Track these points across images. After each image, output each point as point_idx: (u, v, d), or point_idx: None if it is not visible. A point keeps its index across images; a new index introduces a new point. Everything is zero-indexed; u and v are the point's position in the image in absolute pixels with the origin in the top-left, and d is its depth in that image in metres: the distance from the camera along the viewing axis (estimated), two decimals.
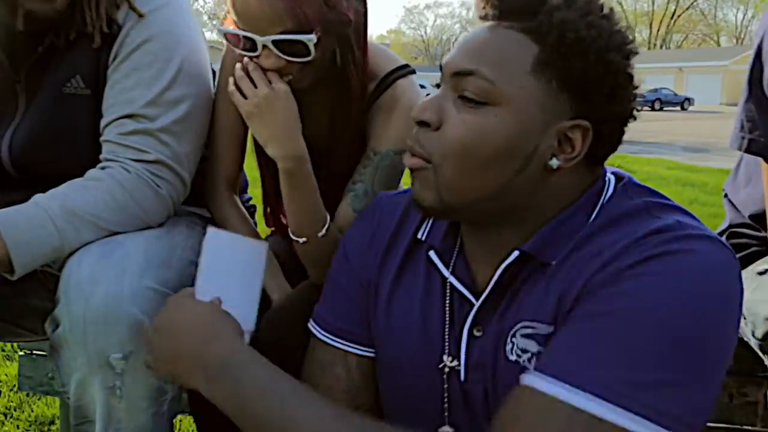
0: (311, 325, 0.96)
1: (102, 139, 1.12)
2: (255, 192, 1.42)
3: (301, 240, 1.11)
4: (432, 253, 0.86)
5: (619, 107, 0.76)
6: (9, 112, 1.16)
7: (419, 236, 0.89)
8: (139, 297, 0.97)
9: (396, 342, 0.88)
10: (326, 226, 1.12)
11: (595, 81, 0.73)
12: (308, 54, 1.02)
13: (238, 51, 1.07)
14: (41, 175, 1.11)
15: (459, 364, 0.82)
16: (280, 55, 1.02)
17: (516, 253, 0.77)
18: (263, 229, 1.45)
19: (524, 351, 0.75)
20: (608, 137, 0.77)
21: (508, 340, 0.77)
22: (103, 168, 1.10)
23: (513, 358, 0.76)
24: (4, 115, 1.17)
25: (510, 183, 0.75)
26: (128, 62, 1.11)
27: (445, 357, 0.83)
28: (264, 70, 1.05)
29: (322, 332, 0.93)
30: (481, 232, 0.82)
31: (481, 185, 0.75)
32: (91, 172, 1.09)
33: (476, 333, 0.81)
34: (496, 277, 0.79)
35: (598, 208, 0.78)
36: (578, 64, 0.72)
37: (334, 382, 0.91)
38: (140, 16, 1.11)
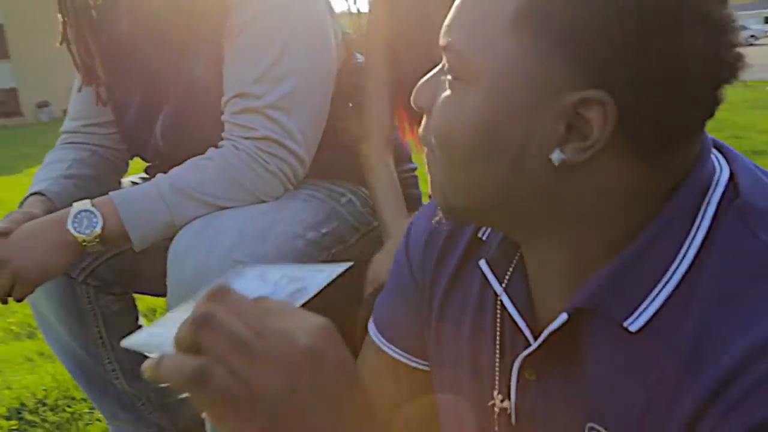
0: (371, 319, 0.84)
1: (222, 118, 1.17)
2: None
3: None
4: (483, 263, 0.67)
5: (659, 60, 0.49)
6: (162, 98, 1.26)
7: (480, 234, 0.71)
8: (226, 270, 1.05)
9: (444, 362, 0.74)
10: None
11: (604, 27, 0.49)
12: None
13: None
14: (184, 155, 1.16)
15: (510, 406, 0.66)
16: None
17: (563, 317, 0.58)
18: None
19: None
20: (663, 110, 0.51)
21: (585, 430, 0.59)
22: (217, 147, 1.15)
23: None
24: (159, 101, 1.26)
25: (507, 186, 0.56)
26: (236, 43, 1.14)
27: (495, 393, 0.68)
28: None
29: (377, 333, 0.82)
30: (529, 246, 0.64)
31: (476, 185, 0.58)
32: (207, 152, 1.14)
33: (528, 376, 0.64)
34: (544, 336, 0.60)
35: (692, 238, 0.54)
36: (574, 4, 0.50)
37: (382, 393, 0.79)
38: None
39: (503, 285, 0.66)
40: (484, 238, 0.70)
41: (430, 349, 0.76)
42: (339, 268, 0.61)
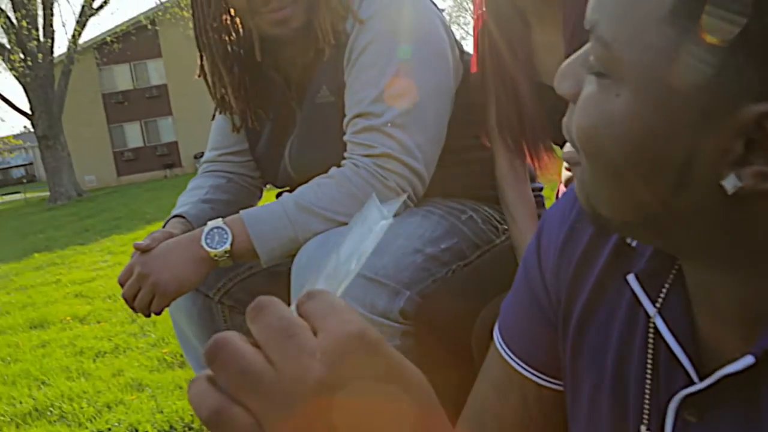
0: (496, 326, 0.75)
1: (344, 139, 1.22)
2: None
3: None
4: (631, 278, 0.56)
5: None
6: (291, 125, 1.34)
7: (629, 240, 0.60)
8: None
9: (582, 384, 0.65)
10: None
11: None
12: None
13: None
14: (311, 176, 1.21)
15: None
16: None
17: (749, 359, 0.47)
18: None
19: None
20: None
21: None
22: (339, 166, 1.19)
23: None
24: (287, 128, 1.35)
25: (667, 207, 0.46)
26: (356, 66, 1.20)
27: (643, 429, 0.58)
28: None
29: (503, 344, 0.73)
30: (691, 267, 0.54)
31: (628, 201, 0.48)
32: (329, 171, 1.19)
33: (688, 417, 0.54)
34: (717, 377, 0.50)
35: None
36: None
37: (507, 411, 0.72)
38: (360, 23, 1.19)
39: (657, 306, 0.55)
40: (633, 244, 0.60)
41: (564, 366, 0.68)
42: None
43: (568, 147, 0.60)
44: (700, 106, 0.41)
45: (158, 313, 1.16)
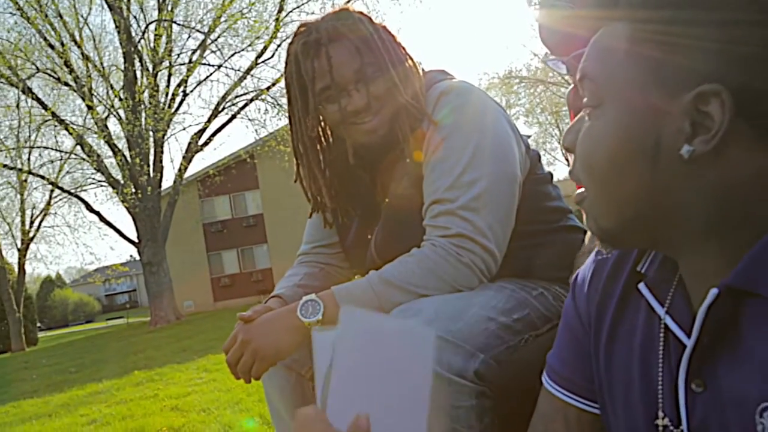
0: (545, 372, 0.88)
1: (423, 224, 1.34)
2: None
3: None
4: (642, 286, 0.71)
5: (762, 40, 0.55)
6: (376, 217, 1.49)
7: (639, 268, 0.73)
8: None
9: (615, 397, 0.75)
10: None
11: (701, 24, 0.56)
12: None
13: None
14: (393, 259, 1.33)
15: (674, 426, 0.66)
16: None
17: (714, 292, 0.59)
18: None
19: None
20: None
21: (757, 419, 0.57)
22: (419, 247, 1.31)
23: None
24: (374, 220, 1.50)
25: (650, 191, 0.62)
26: (432, 159, 1.34)
27: (659, 413, 0.68)
28: None
29: (548, 380, 0.86)
30: (683, 262, 0.67)
31: (620, 202, 0.64)
32: (411, 251, 1.31)
33: (695, 388, 0.64)
34: (699, 321, 0.61)
35: None
36: (668, 9, 0.58)
37: None
38: (435, 123, 1.35)
39: (665, 307, 0.68)
40: (643, 270, 0.73)
41: (599, 381, 0.78)
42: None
43: (576, 192, 0.72)
44: (652, 104, 0.59)
45: (257, 378, 1.27)
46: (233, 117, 20.73)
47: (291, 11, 19.93)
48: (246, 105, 20.67)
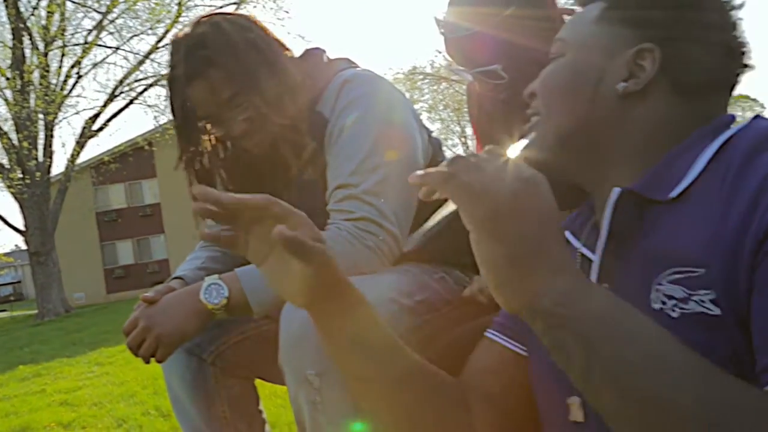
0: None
1: (327, 209, 1.36)
2: None
3: None
4: (567, 233, 0.86)
5: (690, 18, 0.78)
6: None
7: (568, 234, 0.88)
8: None
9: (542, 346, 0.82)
10: None
11: (651, 7, 0.79)
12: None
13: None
14: None
15: None
16: None
17: (617, 190, 0.75)
18: None
19: (669, 297, 0.66)
20: (690, 60, 0.77)
21: (652, 288, 0.68)
22: (323, 230, 1.31)
23: (657, 306, 0.67)
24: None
25: (589, 111, 0.80)
26: (336, 146, 1.36)
27: None
28: None
29: (490, 331, 0.95)
30: (596, 191, 0.84)
31: (565, 117, 0.82)
32: None
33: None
34: (606, 224, 0.76)
35: (720, 138, 0.72)
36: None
37: (494, 380, 0.91)
38: (340, 110, 1.37)
39: (582, 241, 0.83)
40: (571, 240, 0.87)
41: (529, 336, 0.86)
42: None
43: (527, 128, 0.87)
44: (604, 52, 0.81)
45: (160, 362, 1.25)
46: (131, 102, 19.97)
47: None
48: (145, 90, 19.99)
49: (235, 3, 19.86)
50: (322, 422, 1.17)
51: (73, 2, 18.90)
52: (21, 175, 17.79)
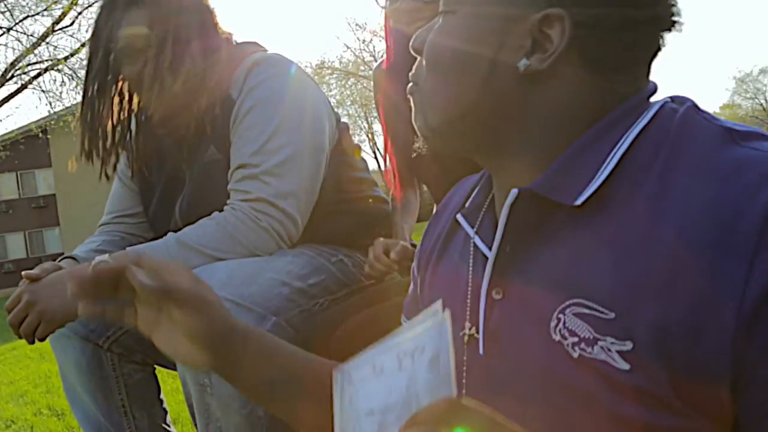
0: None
1: (228, 188, 1.36)
2: None
3: None
4: (459, 215, 0.75)
5: None
6: (180, 185, 1.47)
7: (466, 203, 0.78)
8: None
9: None
10: None
11: None
12: None
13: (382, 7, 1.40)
14: None
15: (477, 332, 0.67)
16: None
17: (515, 191, 0.63)
18: None
19: (572, 333, 0.57)
20: (608, 30, 0.61)
21: (555, 314, 0.59)
22: (220, 211, 1.32)
23: (556, 338, 0.59)
24: (178, 187, 1.48)
25: (482, 93, 0.65)
26: (240, 126, 1.36)
27: (466, 324, 0.69)
28: None
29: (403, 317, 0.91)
30: (495, 177, 0.72)
31: (454, 96, 0.67)
32: (212, 215, 1.31)
33: (495, 295, 0.66)
34: (501, 225, 0.65)
35: (631, 130, 0.61)
36: None
37: None
38: (246, 91, 1.37)
39: (475, 229, 0.72)
40: (466, 205, 0.78)
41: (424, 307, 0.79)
42: (432, 317, 0.52)
43: (410, 89, 0.75)
44: (504, 15, 0.64)
45: (42, 340, 1.20)
46: (24, 87, 18.89)
47: None
48: (39, 75, 18.93)
49: None
50: (212, 404, 1.17)
51: None
52: None
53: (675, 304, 0.52)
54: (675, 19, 0.63)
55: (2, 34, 18.67)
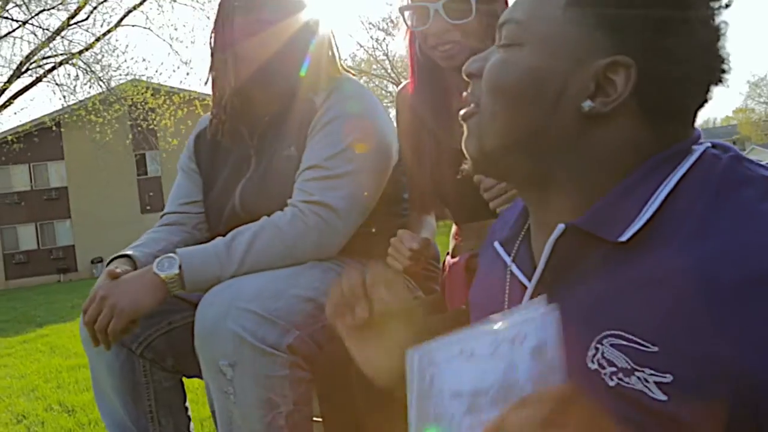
0: None
1: (294, 186, 1.40)
2: None
3: None
4: (496, 243, 0.79)
5: (675, 40, 0.64)
6: (244, 169, 1.52)
7: (504, 232, 0.83)
8: (242, 318, 1.20)
9: None
10: None
11: (634, 7, 0.64)
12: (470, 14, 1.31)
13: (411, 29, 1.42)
14: (258, 216, 1.38)
15: None
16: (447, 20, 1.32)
17: (561, 226, 0.66)
18: None
19: (610, 363, 0.60)
20: (669, 82, 0.65)
21: (592, 344, 0.62)
22: (279, 204, 1.38)
23: (593, 366, 0.62)
24: (240, 170, 1.52)
25: (542, 127, 0.68)
26: (321, 132, 1.41)
27: None
28: None
29: None
30: (534, 210, 0.75)
31: (515, 124, 0.69)
32: (262, 220, 1.36)
33: None
34: (545, 258, 0.68)
35: (675, 173, 0.64)
36: None
37: None
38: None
39: (512, 257, 0.77)
40: (498, 248, 0.81)
41: None
42: (536, 308, 0.54)
43: (465, 114, 0.76)
44: (573, 57, 0.67)
45: (115, 339, 1.26)
46: (38, 80, 18.99)
47: None
48: (54, 68, 19.03)
49: None
50: (234, 412, 1.22)
51: None
52: None
53: (716, 344, 0.54)
54: (724, 74, 0.67)
55: (18, 27, 18.78)
